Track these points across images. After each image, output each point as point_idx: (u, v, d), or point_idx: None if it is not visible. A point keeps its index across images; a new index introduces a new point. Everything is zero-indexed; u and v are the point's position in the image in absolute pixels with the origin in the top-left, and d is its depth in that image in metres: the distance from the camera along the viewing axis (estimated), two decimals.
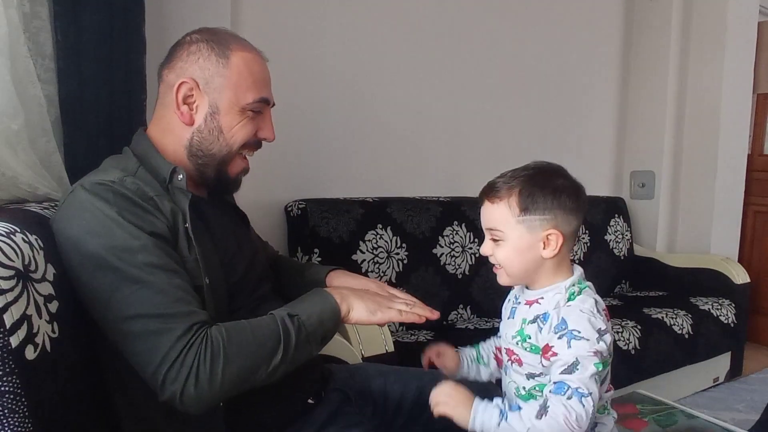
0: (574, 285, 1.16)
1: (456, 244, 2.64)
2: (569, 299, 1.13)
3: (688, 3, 3.40)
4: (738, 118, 3.46)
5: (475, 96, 2.99)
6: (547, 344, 1.09)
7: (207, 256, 1.14)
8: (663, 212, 3.52)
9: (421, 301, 1.29)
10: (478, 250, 2.65)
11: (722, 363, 3.12)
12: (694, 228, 3.48)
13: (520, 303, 1.22)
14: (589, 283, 1.19)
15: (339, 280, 1.47)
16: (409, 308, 1.21)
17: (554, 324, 1.10)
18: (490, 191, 1.16)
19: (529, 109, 3.22)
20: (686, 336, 2.73)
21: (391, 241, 2.44)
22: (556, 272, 1.17)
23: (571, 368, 1.05)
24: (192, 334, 0.98)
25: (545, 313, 1.13)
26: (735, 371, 3.17)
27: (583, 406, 1.02)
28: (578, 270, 1.20)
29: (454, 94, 2.91)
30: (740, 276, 3.09)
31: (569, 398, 1.03)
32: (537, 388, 1.14)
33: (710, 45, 3.34)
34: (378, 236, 2.41)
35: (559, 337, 1.08)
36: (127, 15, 1.56)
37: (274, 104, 1.28)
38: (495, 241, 1.17)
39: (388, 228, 2.45)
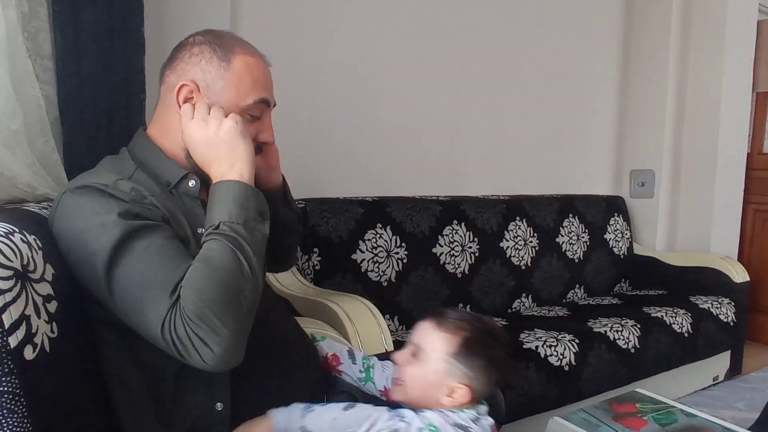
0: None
1: (455, 244, 2.64)
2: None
3: (687, 1, 3.40)
4: (737, 116, 3.46)
5: (475, 95, 2.99)
6: None
7: None
8: (663, 211, 3.52)
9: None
10: (478, 249, 2.68)
11: (722, 361, 3.12)
12: (693, 227, 3.48)
13: None
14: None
15: None
16: None
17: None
18: (441, 317, 1.19)
19: (529, 108, 3.22)
20: (686, 335, 2.73)
21: (390, 240, 2.44)
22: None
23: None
24: (171, 305, 0.96)
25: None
26: (735, 370, 3.17)
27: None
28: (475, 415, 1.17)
29: (454, 94, 2.92)
30: (740, 274, 3.10)
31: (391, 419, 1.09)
32: None
33: (710, 43, 3.34)
34: (378, 235, 2.41)
35: None
36: (126, 15, 1.56)
37: (275, 105, 1.27)
38: (414, 357, 1.18)
39: (388, 227, 2.46)
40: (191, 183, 1.18)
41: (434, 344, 1.16)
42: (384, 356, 1.42)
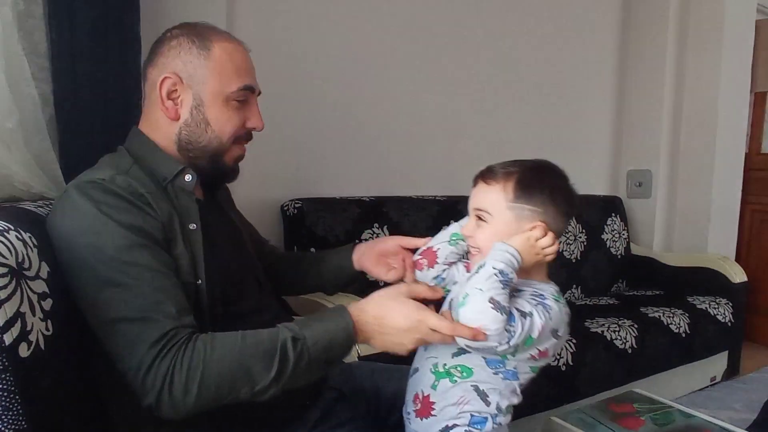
0: (557, 294, 1.14)
1: None
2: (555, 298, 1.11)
3: (685, 1, 3.40)
4: (735, 116, 3.46)
5: (472, 95, 2.99)
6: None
7: (205, 257, 1.14)
8: (660, 211, 3.52)
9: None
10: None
11: (719, 362, 3.12)
12: (691, 227, 3.48)
13: None
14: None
15: (359, 254, 1.46)
16: (446, 329, 1.04)
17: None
18: (488, 173, 1.16)
19: (526, 108, 3.22)
20: (683, 335, 2.73)
21: None
22: (531, 271, 1.14)
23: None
24: (167, 339, 0.96)
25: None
26: (732, 370, 3.17)
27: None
28: (555, 285, 1.18)
29: (451, 93, 2.92)
30: (737, 275, 3.09)
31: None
32: (458, 368, 1.11)
33: (708, 43, 3.34)
34: (374, 235, 2.41)
35: (531, 298, 1.09)
36: (122, 14, 1.56)
37: (260, 92, 1.27)
38: (479, 223, 1.15)
39: (385, 227, 2.45)
40: (187, 177, 1.18)
41: (491, 199, 1.13)
42: None
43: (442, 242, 1.27)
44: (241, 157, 1.28)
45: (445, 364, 1.13)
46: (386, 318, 1.06)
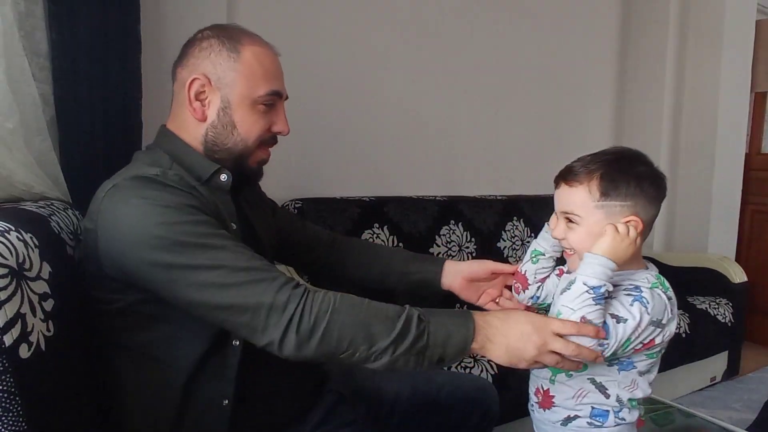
0: (657, 278, 1.14)
1: (453, 243, 2.64)
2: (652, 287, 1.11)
3: (685, 1, 3.40)
4: (736, 116, 3.46)
5: (472, 95, 2.99)
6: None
7: None
8: (660, 211, 3.49)
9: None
10: (475, 249, 2.67)
11: (719, 362, 3.12)
12: (691, 227, 3.47)
13: None
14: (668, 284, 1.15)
15: (449, 278, 1.47)
16: (570, 352, 1.03)
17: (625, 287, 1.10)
18: (569, 174, 1.15)
19: (526, 108, 3.22)
20: (683, 335, 2.72)
21: (387, 240, 2.44)
22: (628, 262, 1.12)
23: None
24: (285, 282, 1.00)
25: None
26: (732, 371, 3.17)
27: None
28: (653, 267, 1.18)
29: (451, 93, 2.92)
30: (738, 275, 3.08)
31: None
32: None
33: (708, 43, 3.34)
34: (375, 235, 2.41)
35: (627, 294, 1.09)
36: (123, 14, 1.56)
37: (287, 97, 1.28)
38: (570, 225, 1.14)
39: (385, 227, 2.45)
40: (223, 177, 1.19)
41: (578, 201, 1.12)
42: None
43: (526, 263, 1.30)
44: (265, 161, 1.29)
45: None
46: (510, 320, 1.07)
